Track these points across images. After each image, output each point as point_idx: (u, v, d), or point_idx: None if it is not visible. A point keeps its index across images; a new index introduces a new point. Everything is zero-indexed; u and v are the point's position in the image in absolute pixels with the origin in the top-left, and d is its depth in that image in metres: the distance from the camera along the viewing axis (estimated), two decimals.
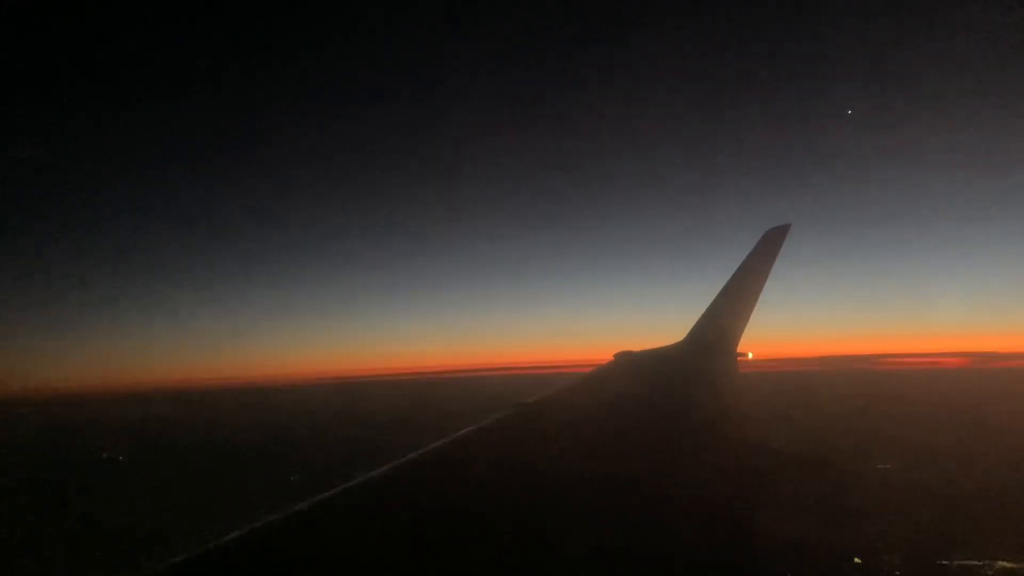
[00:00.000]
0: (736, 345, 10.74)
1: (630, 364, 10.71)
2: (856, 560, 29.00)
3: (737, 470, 5.54)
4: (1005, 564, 29.93)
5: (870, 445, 49.78)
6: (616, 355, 11.07)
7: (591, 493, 4.52)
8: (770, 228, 13.61)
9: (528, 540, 3.73)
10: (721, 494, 4.84)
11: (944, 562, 30.26)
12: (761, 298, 11.91)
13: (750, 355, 10.43)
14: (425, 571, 3.30)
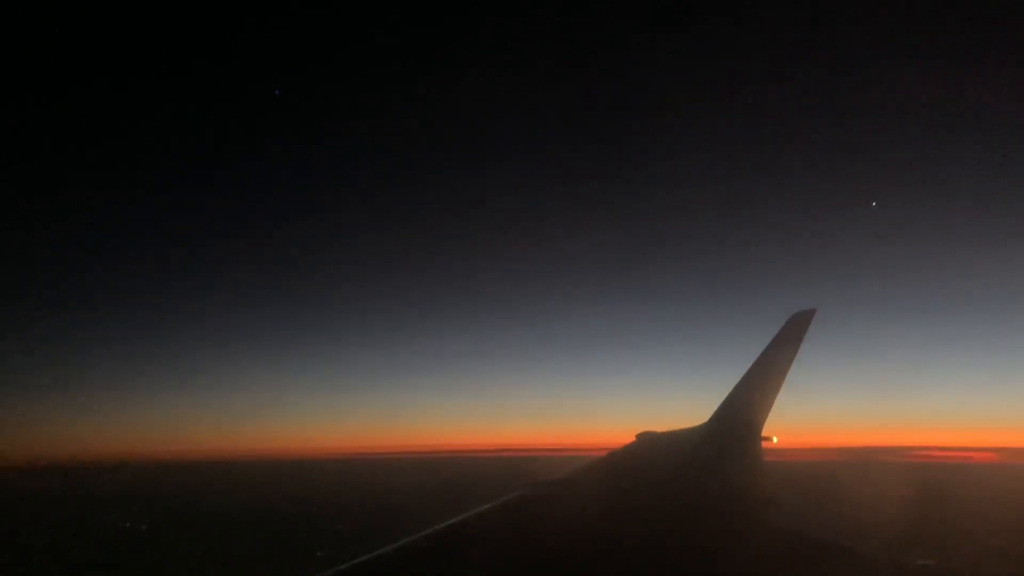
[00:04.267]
0: (761, 429, 10.56)
1: (652, 445, 10.56)
2: None
3: (767, 556, 5.37)
4: None
5: (907, 538, 48.15)
6: (638, 435, 10.93)
7: (608, 574, 4.37)
8: (796, 312, 13.55)
9: None
10: None
11: None
12: (785, 384, 11.77)
13: (775, 439, 10.24)
14: None
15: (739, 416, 11.13)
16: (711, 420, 11.52)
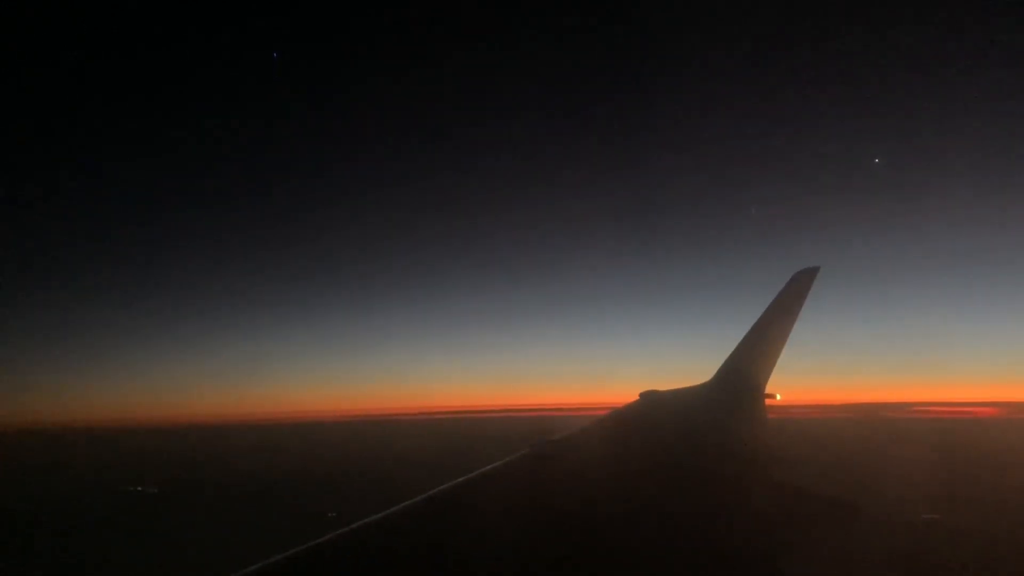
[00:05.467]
0: (764, 387, 10.62)
1: (656, 403, 10.61)
2: None
3: (770, 513, 5.43)
4: None
5: (913, 494, 48.52)
6: (642, 394, 10.98)
7: (616, 533, 4.43)
8: (799, 270, 13.53)
9: None
10: (753, 537, 4.72)
11: None
12: (789, 341, 11.81)
13: (778, 396, 10.30)
14: None
15: (742, 374, 11.18)
16: (714, 378, 11.58)
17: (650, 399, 10.81)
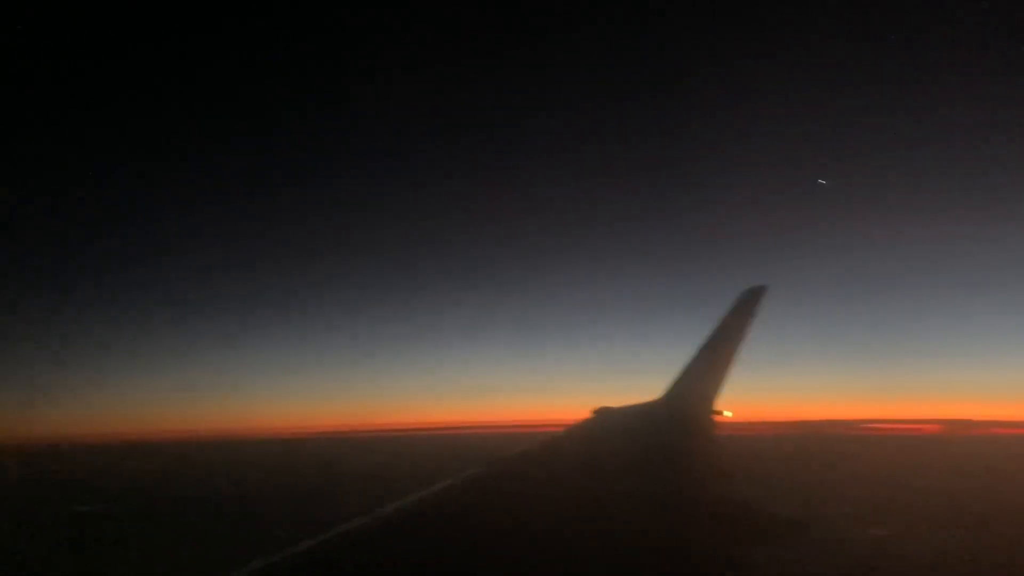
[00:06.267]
0: (713, 403, 10.71)
1: (609, 420, 10.64)
2: None
3: (720, 530, 5.44)
4: None
5: (860, 510, 49.44)
6: (595, 411, 11.00)
7: (563, 552, 4.39)
8: (746, 288, 13.70)
9: None
10: (703, 554, 4.72)
11: None
12: (738, 359, 11.92)
13: (727, 414, 10.39)
14: None
15: (692, 391, 11.27)
16: (664, 395, 11.65)
17: (603, 415, 10.83)
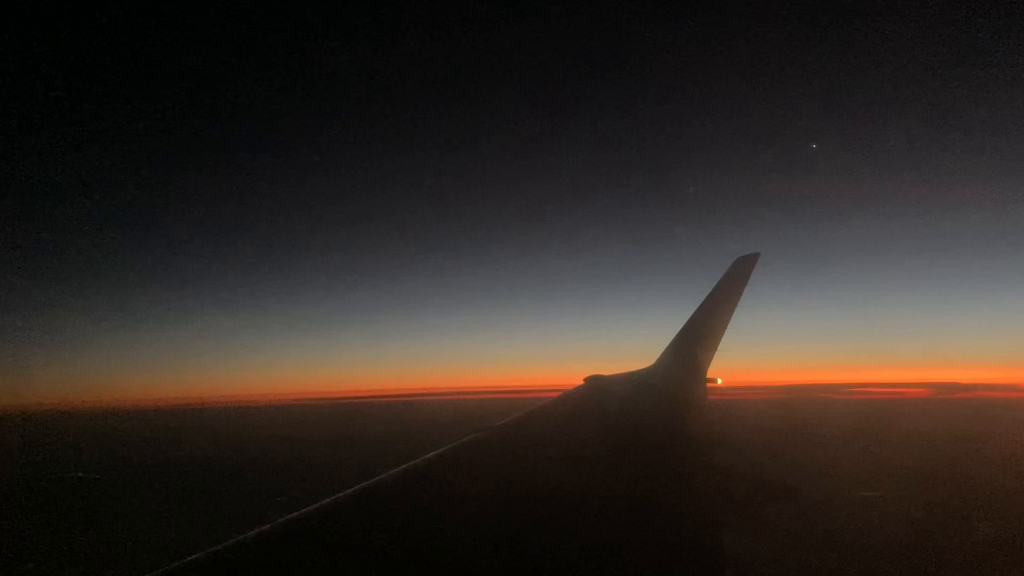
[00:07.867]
0: (706, 371, 10.78)
1: (601, 388, 10.68)
2: None
3: (712, 496, 5.49)
4: None
5: (850, 472, 50.03)
6: (587, 379, 11.04)
7: (558, 519, 4.43)
8: (740, 256, 13.75)
9: (493, 566, 3.63)
10: (696, 519, 4.77)
11: None
12: (730, 326, 12.01)
13: (719, 381, 10.48)
14: None
15: (684, 358, 11.34)
16: (657, 363, 11.71)
17: (595, 383, 10.87)
